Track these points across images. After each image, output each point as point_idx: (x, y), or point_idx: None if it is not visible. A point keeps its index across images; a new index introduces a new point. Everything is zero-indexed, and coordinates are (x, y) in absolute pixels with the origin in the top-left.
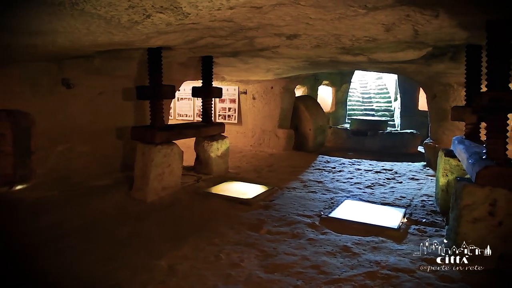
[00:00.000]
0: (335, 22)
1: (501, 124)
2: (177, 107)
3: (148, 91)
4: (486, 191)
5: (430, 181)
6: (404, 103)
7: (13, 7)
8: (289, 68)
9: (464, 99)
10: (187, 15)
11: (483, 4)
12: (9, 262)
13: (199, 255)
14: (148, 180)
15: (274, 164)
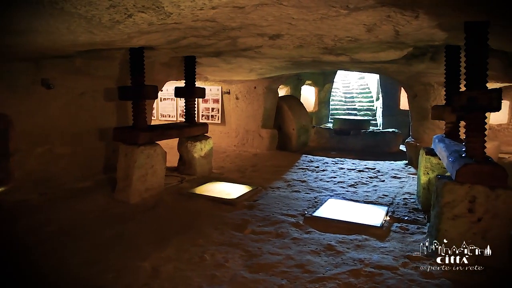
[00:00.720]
0: (317, 23)
1: (479, 123)
2: (160, 107)
3: (130, 91)
4: (466, 188)
5: (412, 179)
6: (386, 103)
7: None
8: (272, 68)
9: (444, 99)
10: (169, 15)
11: (461, 7)
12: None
13: (183, 256)
14: (131, 182)
15: (258, 164)
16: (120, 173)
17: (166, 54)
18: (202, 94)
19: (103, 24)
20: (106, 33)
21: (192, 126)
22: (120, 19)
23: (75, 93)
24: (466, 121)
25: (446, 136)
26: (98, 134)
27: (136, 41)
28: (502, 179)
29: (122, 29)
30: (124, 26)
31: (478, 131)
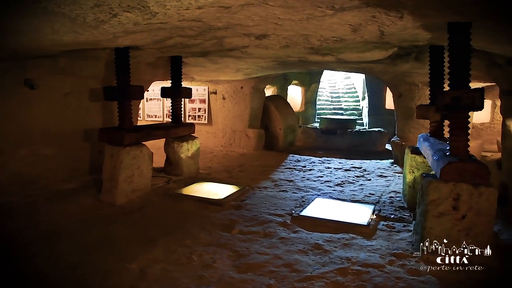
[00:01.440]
0: (303, 23)
1: (463, 122)
2: (146, 108)
3: (115, 91)
4: (450, 186)
5: (397, 178)
6: (372, 102)
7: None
8: (258, 68)
9: (428, 98)
10: (155, 15)
11: (444, 8)
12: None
13: (171, 257)
14: (117, 183)
15: (245, 164)
16: (106, 174)
17: (152, 54)
18: (188, 94)
19: (87, 23)
20: (90, 33)
21: (179, 126)
22: (105, 18)
23: (59, 94)
24: (450, 120)
25: (430, 135)
26: (84, 135)
27: (122, 41)
28: (485, 177)
29: (107, 29)
30: (109, 25)
31: (462, 130)
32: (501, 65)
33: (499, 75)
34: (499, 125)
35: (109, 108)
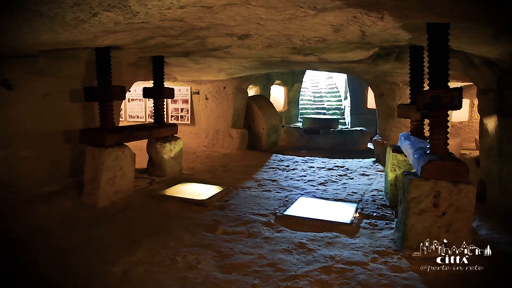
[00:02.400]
0: (285, 23)
1: (442, 121)
2: (128, 108)
3: (97, 92)
4: (431, 184)
5: (379, 176)
6: (354, 102)
7: None
8: (241, 68)
9: (409, 97)
10: (136, 14)
11: (423, 9)
12: None
13: (155, 259)
14: (99, 185)
15: (229, 164)
16: (88, 176)
17: (133, 54)
18: (171, 94)
19: (67, 22)
20: (70, 32)
21: (161, 127)
22: (85, 18)
23: (38, 94)
24: (430, 119)
25: (411, 133)
26: (64, 136)
27: (102, 40)
28: (464, 174)
29: (87, 28)
30: (89, 25)
31: (441, 128)
32: (477, 65)
33: (476, 75)
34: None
35: (90, 109)
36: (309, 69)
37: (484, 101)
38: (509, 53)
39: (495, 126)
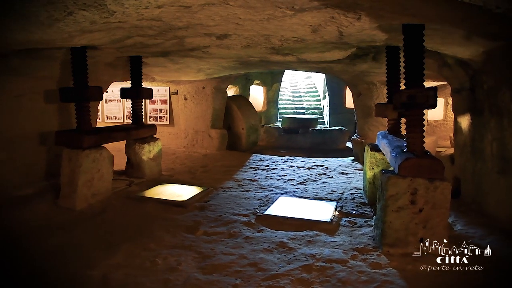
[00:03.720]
0: (264, 23)
1: (418, 119)
2: (106, 109)
3: (73, 93)
4: (408, 181)
5: (358, 174)
6: (332, 101)
7: None
8: (220, 68)
9: (386, 97)
10: (113, 13)
11: (398, 10)
12: None
13: (134, 261)
14: (76, 187)
15: (208, 165)
16: (64, 178)
17: (110, 54)
18: (149, 95)
19: (41, 21)
20: (44, 32)
21: (140, 128)
22: (60, 16)
23: (11, 95)
24: (406, 118)
25: (389, 132)
26: (39, 138)
27: (78, 40)
28: (440, 171)
29: (62, 28)
30: (64, 24)
31: (418, 127)
32: (451, 65)
33: (450, 75)
34: (452, 122)
35: (66, 110)
36: (288, 69)
37: (457, 100)
38: (480, 53)
39: (469, 124)
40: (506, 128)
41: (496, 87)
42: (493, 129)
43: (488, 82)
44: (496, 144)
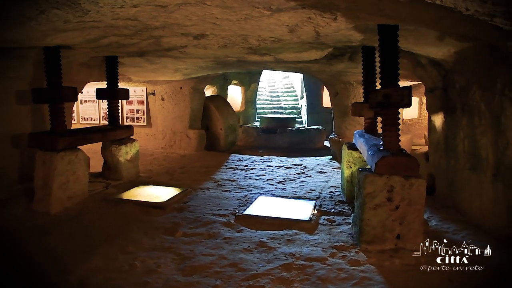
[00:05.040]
0: (241, 23)
1: (394, 118)
2: (81, 110)
3: (46, 94)
4: (384, 179)
5: (336, 173)
6: (310, 101)
7: None
8: (197, 68)
9: (362, 96)
10: (87, 12)
11: (373, 11)
12: None
13: (113, 265)
14: (51, 190)
15: (187, 165)
16: (38, 181)
17: (85, 53)
18: (125, 95)
19: (12, 20)
20: (15, 30)
21: (116, 129)
22: (31, 15)
23: None
24: (382, 117)
25: (365, 131)
26: (11, 140)
27: (51, 39)
28: (415, 169)
29: (34, 26)
30: (36, 23)
31: (393, 125)
32: (425, 65)
33: (423, 74)
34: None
35: (39, 111)
36: (265, 69)
37: (431, 99)
38: (452, 54)
39: (442, 122)
40: (477, 126)
41: (467, 87)
42: (465, 127)
43: (460, 82)
44: (468, 142)
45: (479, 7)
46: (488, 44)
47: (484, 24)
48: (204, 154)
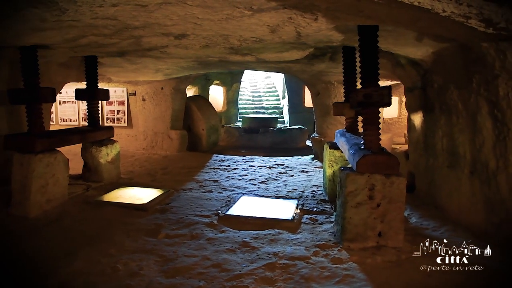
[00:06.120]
0: (222, 23)
1: (374, 117)
2: (59, 111)
3: (23, 94)
4: (365, 177)
5: (318, 172)
6: (292, 101)
7: None
8: (179, 68)
9: (343, 96)
10: (65, 11)
11: (353, 12)
12: None
13: (95, 268)
14: (29, 194)
15: (169, 166)
16: (16, 185)
17: (64, 53)
18: (105, 96)
19: None
20: None
21: (96, 130)
22: (7, 13)
23: None
24: (363, 116)
25: (346, 130)
26: None
27: (28, 39)
28: (395, 167)
29: (10, 25)
30: (12, 21)
31: (374, 124)
32: (404, 65)
33: (403, 74)
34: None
35: (16, 112)
36: (247, 69)
37: (410, 98)
38: (430, 54)
39: (421, 121)
40: (455, 124)
41: (445, 86)
42: (443, 126)
43: (438, 81)
44: (446, 140)
45: (455, 8)
46: (464, 45)
47: (460, 26)
48: (186, 154)
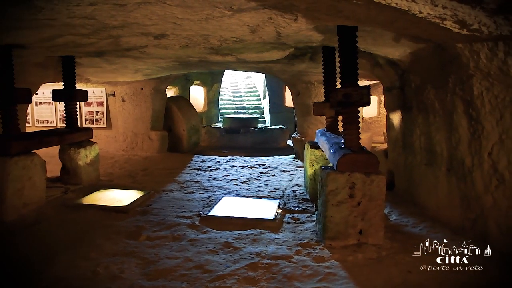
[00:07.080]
0: (202, 23)
1: (354, 117)
2: (36, 112)
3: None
4: (346, 176)
5: (299, 172)
6: (272, 101)
7: None
8: (158, 69)
9: (323, 95)
10: (40, 10)
11: (332, 12)
12: None
13: (74, 273)
14: (5, 197)
15: (149, 168)
16: None
17: (40, 53)
18: (83, 97)
19: None
20: None
21: (75, 131)
22: None
23: None
24: (343, 116)
25: (327, 129)
26: None
27: (2, 38)
28: (375, 165)
29: None
30: None
31: (353, 124)
32: (382, 65)
33: (381, 74)
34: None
35: None
36: (228, 69)
37: (389, 98)
38: (408, 54)
39: (400, 120)
40: (432, 123)
41: (422, 86)
42: (420, 125)
43: (415, 81)
44: (424, 138)
45: (431, 10)
46: (440, 46)
47: (436, 27)
48: (167, 155)
